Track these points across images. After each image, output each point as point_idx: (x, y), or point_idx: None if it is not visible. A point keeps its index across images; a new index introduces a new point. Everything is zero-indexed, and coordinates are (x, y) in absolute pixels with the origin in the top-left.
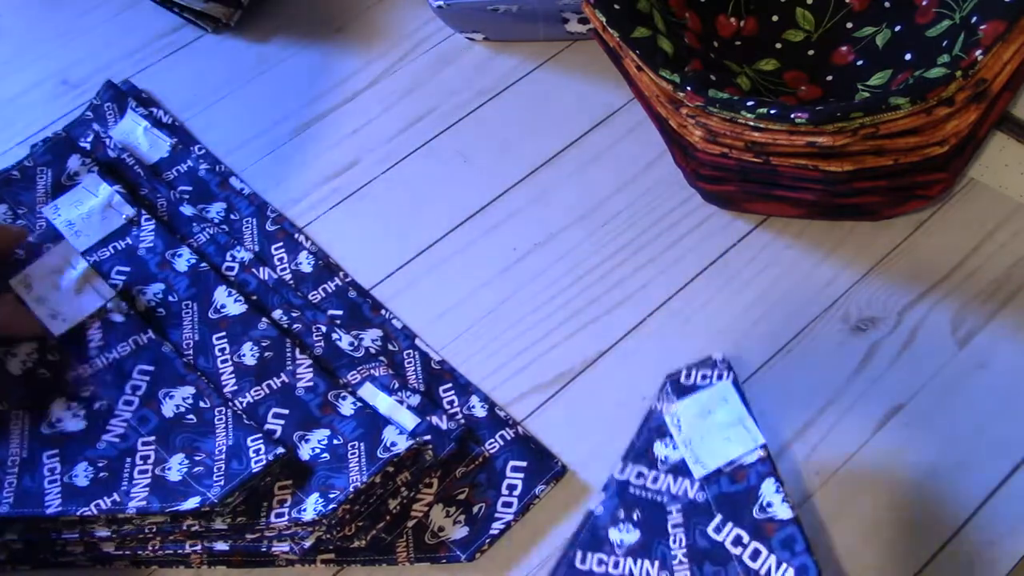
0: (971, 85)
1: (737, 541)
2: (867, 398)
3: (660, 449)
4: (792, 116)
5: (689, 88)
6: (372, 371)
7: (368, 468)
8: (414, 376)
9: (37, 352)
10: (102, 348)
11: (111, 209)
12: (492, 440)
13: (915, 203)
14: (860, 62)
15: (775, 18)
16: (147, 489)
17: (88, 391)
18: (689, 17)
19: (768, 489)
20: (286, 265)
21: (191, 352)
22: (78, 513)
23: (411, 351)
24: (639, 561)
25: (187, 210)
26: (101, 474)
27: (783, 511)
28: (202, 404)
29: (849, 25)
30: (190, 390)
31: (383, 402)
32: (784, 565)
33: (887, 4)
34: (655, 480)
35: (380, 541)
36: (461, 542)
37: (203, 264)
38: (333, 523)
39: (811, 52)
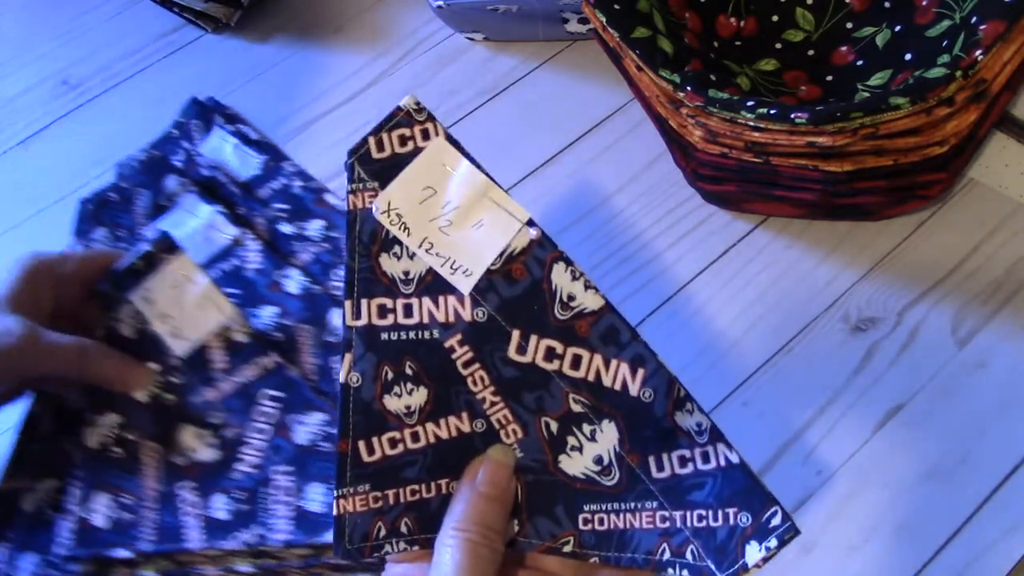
0: (971, 85)
1: (550, 354)
2: (867, 398)
3: (391, 264)
4: (792, 116)
5: (689, 88)
6: None
7: None
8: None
9: (160, 375)
10: (227, 371)
11: (214, 230)
12: None
13: (915, 203)
14: (860, 62)
15: (775, 18)
16: (291, 522)
17: (217, 417)
18: (689, 17)
19: (561, 278)
20: None
21: (316, 376)
22: (222, 547)
23: None
24: (441, 422)
25: (286, 228)
26: (241, 506)
27: (591, 300)
28: (334, 431)
29: (849, 25)
30: (320, 416)
31: None
32: (615, 362)
33: (887, 4)
34: (407, 311)
35: None
36: None
37: (316, 286)
38: None
39: (811, 52)
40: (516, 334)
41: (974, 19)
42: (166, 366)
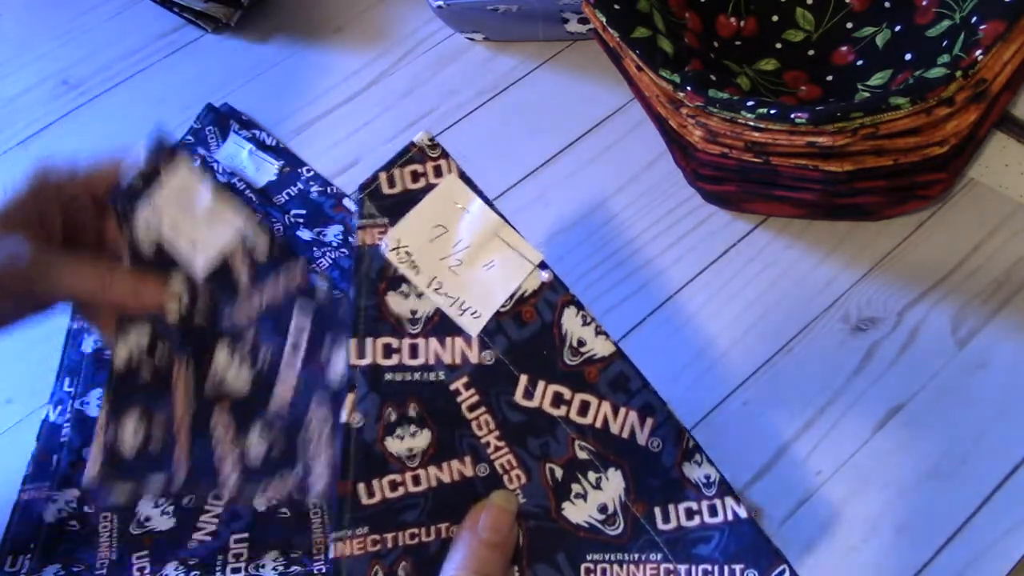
0: (971, 85)
1: (557, 400)
2: (867, 398)
3: (398, 303)
4: (792, 116)
5: (689, 88)
6: None
7: None
8: None
9: (184, 293)
10: (254, 286)
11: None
12: None
13: (915, 203)
14: (860, 62)
15: (775, 18)
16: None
17: (248, 338)
18: (689, 17)
19: (572, 323)
20: None
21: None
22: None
23: None
24: (444, 466)
25: (304, 234)
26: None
27: (601, 346)
28: None
29: (849, 25)
30: None
31: None
32: (623, 410)
33: (887, 4)
34: (413, 352)
35: None
36: None
37: (336, 290)
38: None
39: (811, 52)
40: (524, 378)
41: (974, 19)
42: (189, 284)
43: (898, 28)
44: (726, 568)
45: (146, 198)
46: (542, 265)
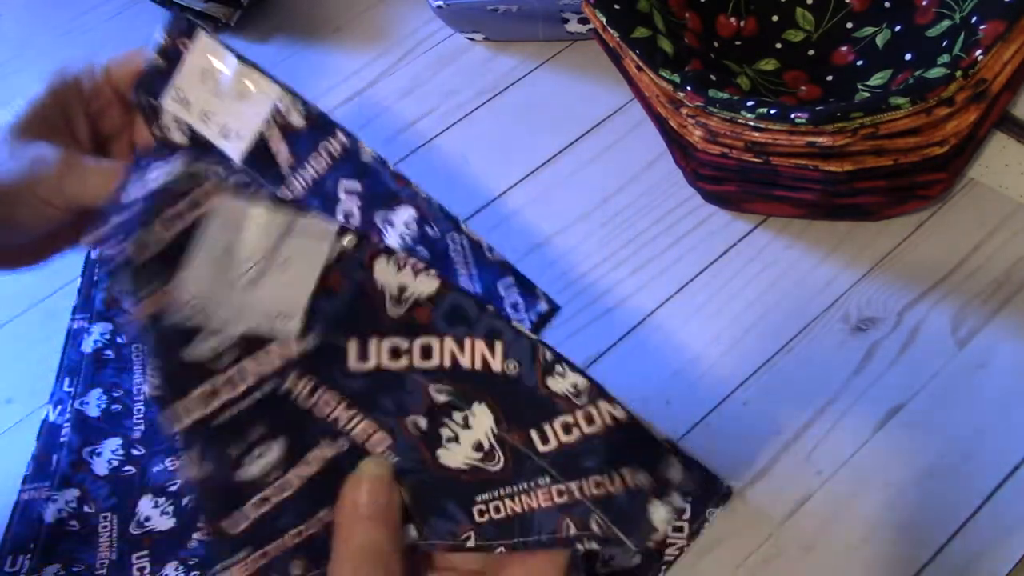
0: (971, 85)
1: (395, 353)
2: (867, 398)
3: (198, 351)
4: (792, 116)
5: (689, 88)
6: None
7: None
8: None
9: (223, 180)
10: (294, 165)
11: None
12: None
13: (915, 203)
14: (860, 62)
15: (775, 18)
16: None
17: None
18: (689, 17)
19: (386, 274)
20: None
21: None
22: None
23: None
24: (304, 463)
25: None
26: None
27: (424, 285)
28: (428, 230)
29: (849, 25)
30: (409, 211)
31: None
32: (468, 341)
33: (887, 4)
34: (231, 384)
35: None
36: (635, 570)
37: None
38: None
39: (811, 52)
40: (353, 344)
41: (974, 19)
42: (228, 171)
43: (898, 28)
44: (615, 476)
45: (170, 84)
46: (340, 231)
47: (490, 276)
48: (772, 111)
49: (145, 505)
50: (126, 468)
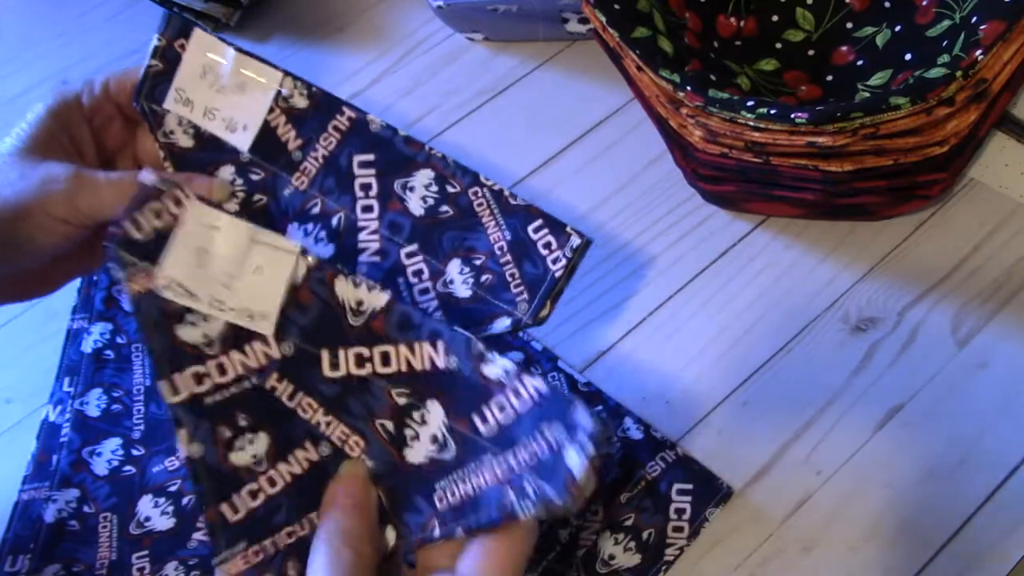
0: (971, 85)
1: (360, 361)
2: (867, 398)
3: (189, 333)
4: (792, 116)
5: (689, 88)
6: None
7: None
8: None
9: (236, 178)
10: (304, 147)
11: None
12: (652, 463)
13: (915, 203)
14: (860, 62)
15: (775, 18)
16: (441, 310)
17: (316, 205)
18: (689, 17)
19: (345, 290)
20: None
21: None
22: None
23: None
24: (291, 459)
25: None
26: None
27: (376, 299)
28: (450, 188)
29: (849, 25)
30: (428, 173)
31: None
32: (417, 345)
33: (887, 4)
34: (221, 370)
35: (551, 572)
36: (635, 570)
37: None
38: None
39: (811, 52)
40: (325, 353)
41: (974, 19)
42: (239, 166)
43: (898, 28)
44: (540, 437)
45: (171, 87)
46: (303, 251)
47: (517, 222)
48: (772, 111)
49: (145, 505)
50: (126, 468)
